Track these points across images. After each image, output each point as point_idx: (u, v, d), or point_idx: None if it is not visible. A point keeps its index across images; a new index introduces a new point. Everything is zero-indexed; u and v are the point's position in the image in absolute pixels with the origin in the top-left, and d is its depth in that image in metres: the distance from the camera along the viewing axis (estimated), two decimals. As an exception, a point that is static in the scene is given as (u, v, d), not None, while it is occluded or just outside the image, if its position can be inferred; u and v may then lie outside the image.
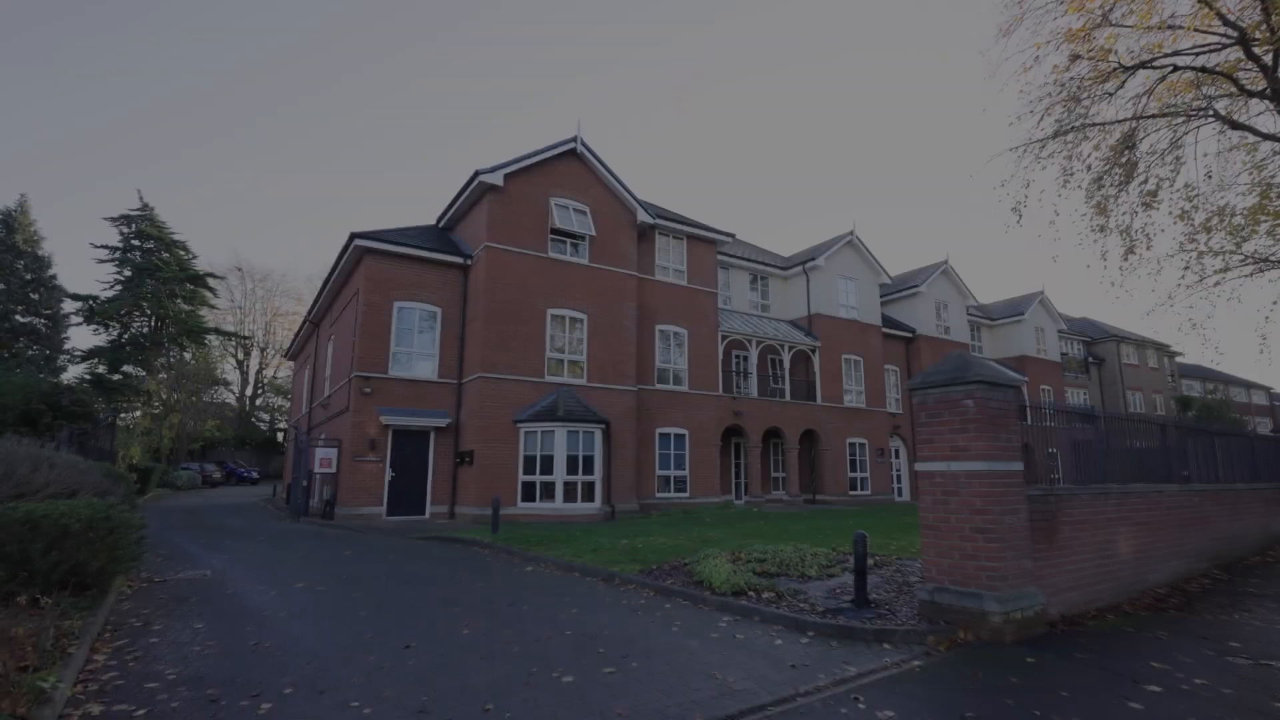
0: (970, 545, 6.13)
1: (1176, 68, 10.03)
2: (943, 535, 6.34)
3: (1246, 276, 13.19)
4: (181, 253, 41.07)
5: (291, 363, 36.01)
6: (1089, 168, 11.63)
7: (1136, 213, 11.06)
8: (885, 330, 26.37)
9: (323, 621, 6.19)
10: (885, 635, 5.82)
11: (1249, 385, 59.84)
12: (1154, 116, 10.86)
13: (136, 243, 39.55)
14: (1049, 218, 12.10)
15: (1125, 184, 11.48)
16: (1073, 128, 10.55)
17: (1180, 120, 11.23)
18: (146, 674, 4.60)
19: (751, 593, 7.13)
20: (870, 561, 8.73)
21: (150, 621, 6.07)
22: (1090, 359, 39.71)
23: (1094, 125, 10.66)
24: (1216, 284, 11.93)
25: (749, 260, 24.26)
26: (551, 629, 5.98)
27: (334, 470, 16.09)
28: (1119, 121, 10.42)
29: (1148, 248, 11.08)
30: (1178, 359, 48.07)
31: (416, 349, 17.11)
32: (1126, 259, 11.10)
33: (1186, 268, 12.95)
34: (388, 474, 16.16)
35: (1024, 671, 4.94)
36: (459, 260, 17.57)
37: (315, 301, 21.87)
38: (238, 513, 18.91)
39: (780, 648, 5.52)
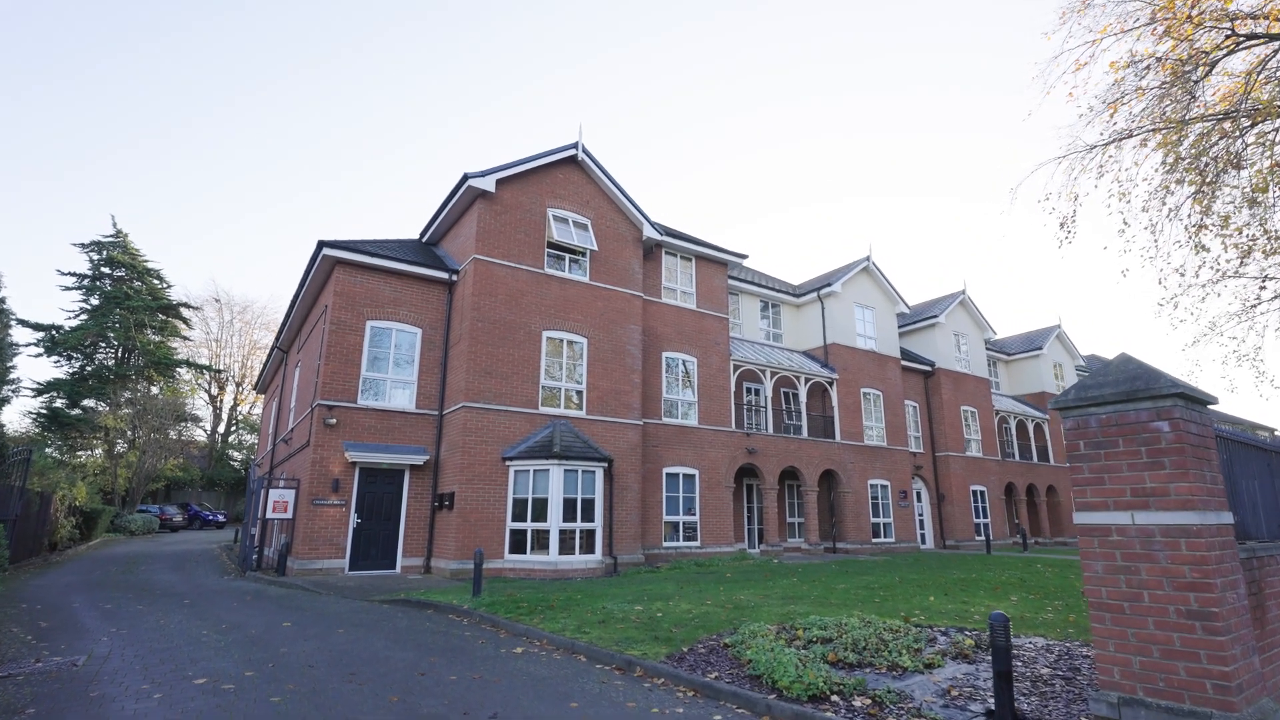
0: (1180, 637, 4.13)
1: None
2: (1128, 620, 4.34)
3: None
4: (155, 281, 39.17)
5: (265, 396, 33.61)
6: (1170, 165, 10.09)
7: (1240, 208, 9.45)
8: (904, 363, 24.57)
9: (203, 757, 4.03)
10: (1073, 784, 3.75)
11: (1254, 426, 58.68)
12: (1239, 114, 9.38)
13: (106, 270, 37.68)
14: (1118, 227, 10.68)
15: (1208, 183, 9.92)
16: (1175, 121, 9.01)
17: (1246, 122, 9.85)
18: None
19: (836, 697, 5.04)
20: (969, 640, 6.65)
21: (-75, 763, 3.89)
22: (1105, 397, 38.04)
23: (1195, 120, 9.14)
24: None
25: (760, 286, 22.52)
26: (554, 772, 3.86)
27: (290, 515, 13.79)
28: (1226, 115, 8.89)
29: (1264, 253, 9.43)
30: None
31: (392, 375, 14.99)
32: (1243, 262, 9.44)
33: (1264, 287, 11.40)
34: (352, 520, 13.84)
35: None
36: (443, 275, 15.66)
37: (283, 325, 19.77)
38: (179, 565, 16.39)
39: (924, 815, 3.43)
